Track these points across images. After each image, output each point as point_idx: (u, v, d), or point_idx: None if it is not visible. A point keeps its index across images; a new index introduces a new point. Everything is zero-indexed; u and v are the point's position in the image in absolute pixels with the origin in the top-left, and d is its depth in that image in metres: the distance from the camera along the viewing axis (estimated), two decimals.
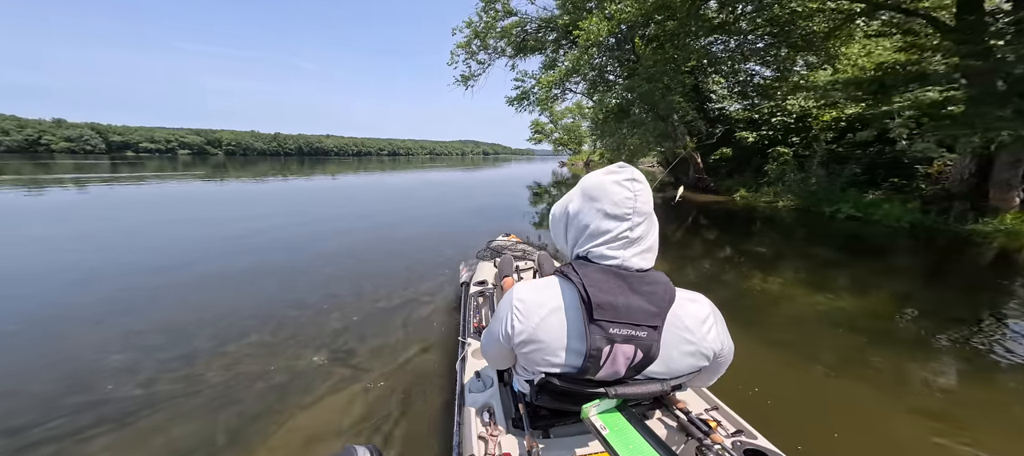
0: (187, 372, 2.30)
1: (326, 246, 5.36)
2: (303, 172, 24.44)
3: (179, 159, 52.94)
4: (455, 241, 5.54)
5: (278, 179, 18.06)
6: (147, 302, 3.35)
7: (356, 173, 24.50)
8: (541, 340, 0.81)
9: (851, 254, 5.20)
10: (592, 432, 0.81)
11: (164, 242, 5.48)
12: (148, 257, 4.69)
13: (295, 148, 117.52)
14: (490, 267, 2.64)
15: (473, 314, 1.98)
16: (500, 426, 1.06)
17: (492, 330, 0.93)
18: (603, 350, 0.75)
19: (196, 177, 18.20)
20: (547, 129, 44.62)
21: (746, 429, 1.05)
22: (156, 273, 4.08)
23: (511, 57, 17.83)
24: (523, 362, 0.90)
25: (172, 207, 8.74)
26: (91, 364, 2.38)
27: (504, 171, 30.59)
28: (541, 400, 0.90)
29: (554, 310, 0.81)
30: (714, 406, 1.15)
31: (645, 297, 0.76)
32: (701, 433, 0.93)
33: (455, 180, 19.44)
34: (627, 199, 0.78)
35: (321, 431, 1.83)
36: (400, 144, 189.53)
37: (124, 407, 1.99)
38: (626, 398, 0.83)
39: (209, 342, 2.65)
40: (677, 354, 0.82)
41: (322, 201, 10.41)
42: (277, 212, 8.22)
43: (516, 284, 0.89)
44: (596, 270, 0.78)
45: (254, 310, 3.19)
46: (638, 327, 0.75)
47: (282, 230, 6.31)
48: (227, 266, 4.37)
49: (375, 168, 31.76)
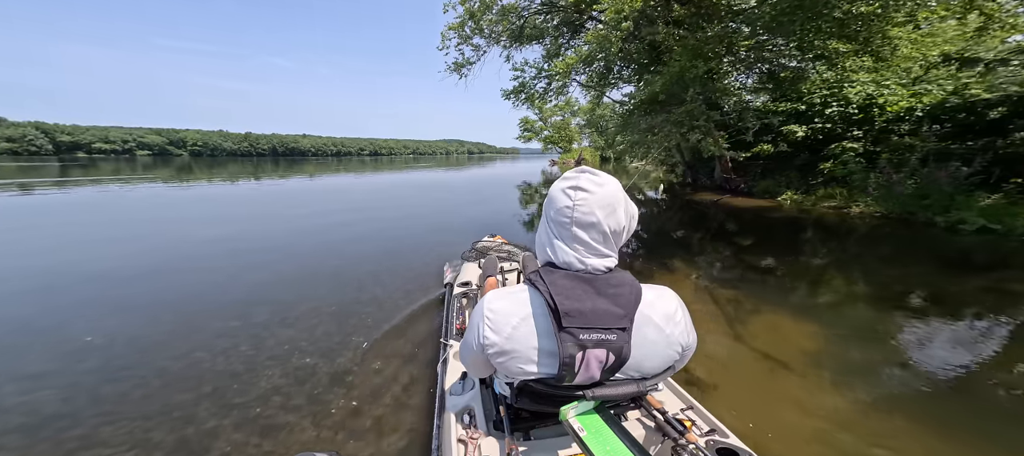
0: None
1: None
2: (277, 173, 22.41)
3: (138, 161, 48.61)
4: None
5: (250, 181, 15.81)
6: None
7: (336, 174, 22.49)
8: (514, 350, 0.81)
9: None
10: (570, 433, 0.83)
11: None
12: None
13: (269, 148, 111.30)
14: (475, 268, 2.60)
15: (456, 315, 2.00)
16: (481, 429, 1.06)
17: (467, 340, 0.92)
18: (576, 357, 0.75)
19: (142, 180, 15.73)
20: (536, 127, 43.03)
21: (719, 428, 1.06)
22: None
23: (506, 47, 16.09)
24: (500, 370, 0.88)
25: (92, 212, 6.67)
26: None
27: (490, 171, 28.81)
28: (521, 402, 0.90)
29: (524, 318, 0.81)
30: (689, 406, 1.17)
31: (611, 299, 0.77)
32: (676, 433, 0.95)
33: (438, 183, 17.50)
34: (566, 208, 0.80)
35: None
36: (382, 144, 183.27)
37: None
38: (604, 399, 0.84)
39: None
40: (650, 351, 0.83)
41: (290, 204, 8.46)
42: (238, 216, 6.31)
43: (487, 293, 0.88)
44: (562, 276, 0.80)
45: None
46: (607, 330, 0.76)
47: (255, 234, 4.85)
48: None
49: (355, 169, 29.34)
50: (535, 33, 15.28)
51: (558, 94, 15.17)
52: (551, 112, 41.19)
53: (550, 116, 41.77)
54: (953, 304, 3.28)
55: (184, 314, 3.05)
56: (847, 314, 3.13)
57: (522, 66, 14.38)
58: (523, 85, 15.01)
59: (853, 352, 2.48)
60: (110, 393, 2.09)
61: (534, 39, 15.65)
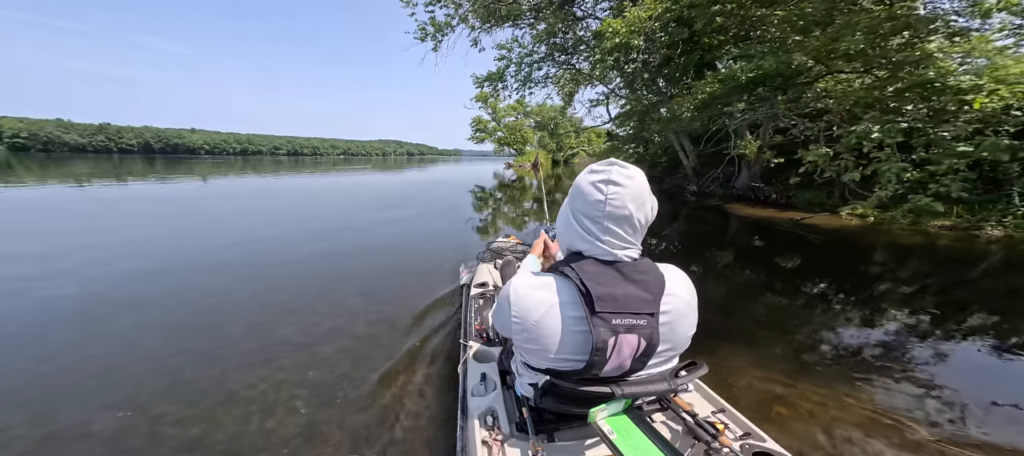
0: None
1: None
2: (137, 175, 17.44)
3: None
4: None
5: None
6: None
7: (189, 177, 17.55)
8: (541, 337, 0.81)
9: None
10: (599, 436, 0.83)
11: None
12: None
13: (138, 143, 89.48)
14: (490, 269, 2.56)
15: (474, 316, 1.94)
16: (504, 431, 1.03)
17: (500, 311, 0.92)
18: (609, 342, 0.75)
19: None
20: (490, 127, 40.37)
21: (755, 432, 1.01)
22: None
23: (475, 29, 13.38)
24: (525, 358, 0.90)
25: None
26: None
27: (431, 174, 25.51)
28: (545, 403, 0.89)
29: (551, 307, 0.80)
30: (721, 408, 1.11)
31: (639, 285, 0.78)
32: (709, 436, 0.91)
33: (349, 188, 14.17)
34: (599, 202, 0.79)
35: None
36: (304, 143, 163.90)
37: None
38: (632, 397, 0.84)
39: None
40: (682, 329, 0.84)
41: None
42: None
43: (516, 278, 0.88)
44: (591, 263, 0.80)
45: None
46: (638, 315, 0.76)
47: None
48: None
49: (268, 170, 23.83)
50: (510, 13, 12.82)
51: (545, 83, 12.80)
52: (505, 112, 38.84)
53: (504, 117, 39.36)
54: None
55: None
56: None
57: (509, 45, 11.76)
58: (500, 72, 12.40)
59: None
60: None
61: (508, 19, 13.19)
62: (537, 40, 11.42)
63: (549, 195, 12.48)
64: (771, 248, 5.53)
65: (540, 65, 11.95)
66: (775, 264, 4.73)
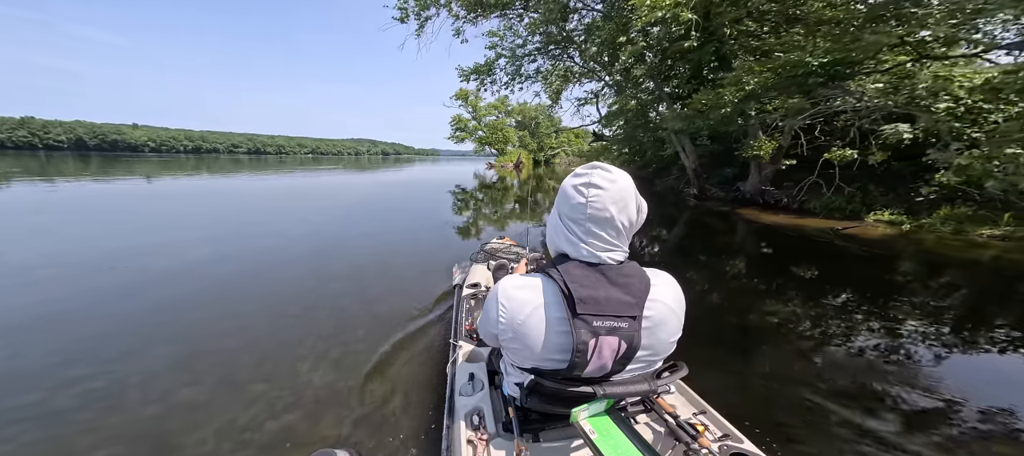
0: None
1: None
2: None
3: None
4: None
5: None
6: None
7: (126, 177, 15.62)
8: (526, 337, 0.82)
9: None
10: (581, 436, 0.82)
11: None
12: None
13: (68, 139, 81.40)
14: (483, 270, 2.54)
15: (465, 316, 1.92)
16: (490, 430, 1.04)
17: (486, 315, 0.93)
18: (589, 343, 0.76)
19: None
20: (470, 126, 39.13)
21: (733, 433, 1.02)
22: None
23: (459, 18, 12.30)
24: (511, 358, 0.91)
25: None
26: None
27: (408, 174, 24.00)
28: (531, 403, 0.89)
29: (536, 307, 0.81)
30: (702, 410, 1.12)
31: (622, 288, 0.78)
32: (689, 437, 0.93)
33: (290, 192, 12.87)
34: (581, 205, 0.80)
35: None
36: (266, 140, 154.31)
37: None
38: (615, 398, 0.83)
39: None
40: (664, 333, 0.83)
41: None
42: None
43: (504, 279, 0.88)
44: (575, 266, 0.80)
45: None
46: (619, 318, 0.76)
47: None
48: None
49: (221, 170, 21.53)
50: (497, 2, 11.83)
51: (535, 78, 11.84)
52: (486, 111, 37.75)
53: (485, 115, 38.25)
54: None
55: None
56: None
57: (501, 33, 10.75)
58: (489, 64, 11.38)
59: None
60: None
61: (496, 8, 12.21)
62: (531, 29, 10.48)
63: (531, 196, 12.00)
64: (818, 262, 4.80)
65: (533, 57, 11.02)
66: (839, 282, 3.96)
